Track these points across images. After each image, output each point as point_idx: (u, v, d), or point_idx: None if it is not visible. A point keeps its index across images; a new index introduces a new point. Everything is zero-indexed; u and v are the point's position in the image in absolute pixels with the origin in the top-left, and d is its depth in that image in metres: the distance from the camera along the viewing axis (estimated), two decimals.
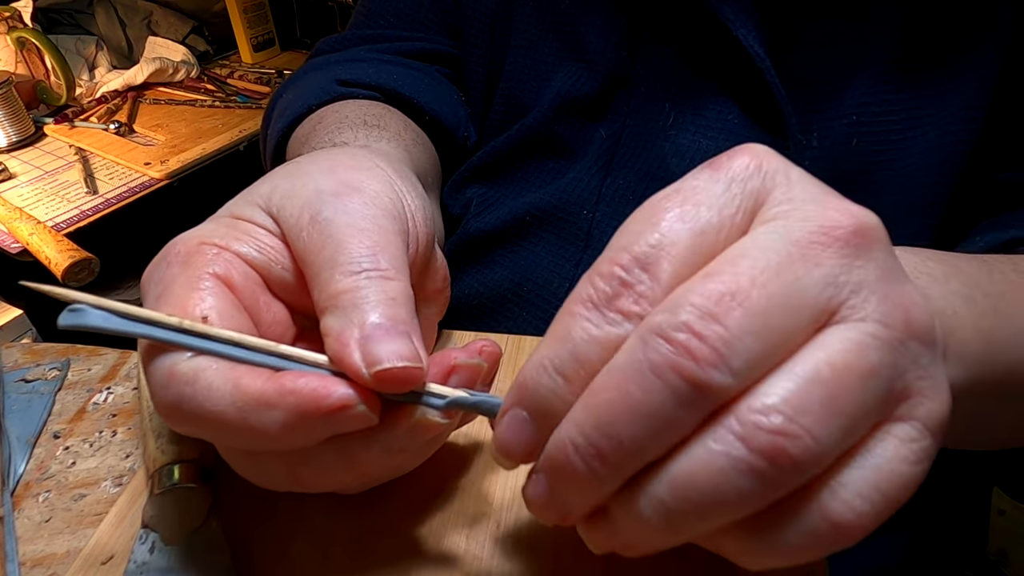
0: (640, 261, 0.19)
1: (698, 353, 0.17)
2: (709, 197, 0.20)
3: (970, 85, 0.38)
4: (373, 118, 0.41)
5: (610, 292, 0.19)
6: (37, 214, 0.99)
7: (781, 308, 0.17)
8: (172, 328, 0.22)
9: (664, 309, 0.18)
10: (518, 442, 0.21)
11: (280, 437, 0.21)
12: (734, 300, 0.17)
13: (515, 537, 0.27)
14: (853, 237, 0.18)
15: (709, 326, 0.17)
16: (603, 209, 0.43)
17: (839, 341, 0.18)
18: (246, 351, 0.22)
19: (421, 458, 0.26)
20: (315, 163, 0.27)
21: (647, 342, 0.18)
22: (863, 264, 0.18)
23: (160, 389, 0.22)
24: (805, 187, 0.20)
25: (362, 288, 0.22)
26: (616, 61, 0.43)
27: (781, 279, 0.18)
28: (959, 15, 0.37)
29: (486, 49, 0.49)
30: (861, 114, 0.39)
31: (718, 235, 0.19)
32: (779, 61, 0.39)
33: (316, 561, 0.27)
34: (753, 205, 0.20)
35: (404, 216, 0.26)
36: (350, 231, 0.23)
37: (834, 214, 0.19)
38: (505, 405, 0.21)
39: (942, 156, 0.38)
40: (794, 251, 0.18)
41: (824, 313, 0.18)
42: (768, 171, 0.20)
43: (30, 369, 0.39)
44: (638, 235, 0.19)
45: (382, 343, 0.21)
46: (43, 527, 0.30)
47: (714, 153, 0.21)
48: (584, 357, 0.19)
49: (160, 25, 1.39)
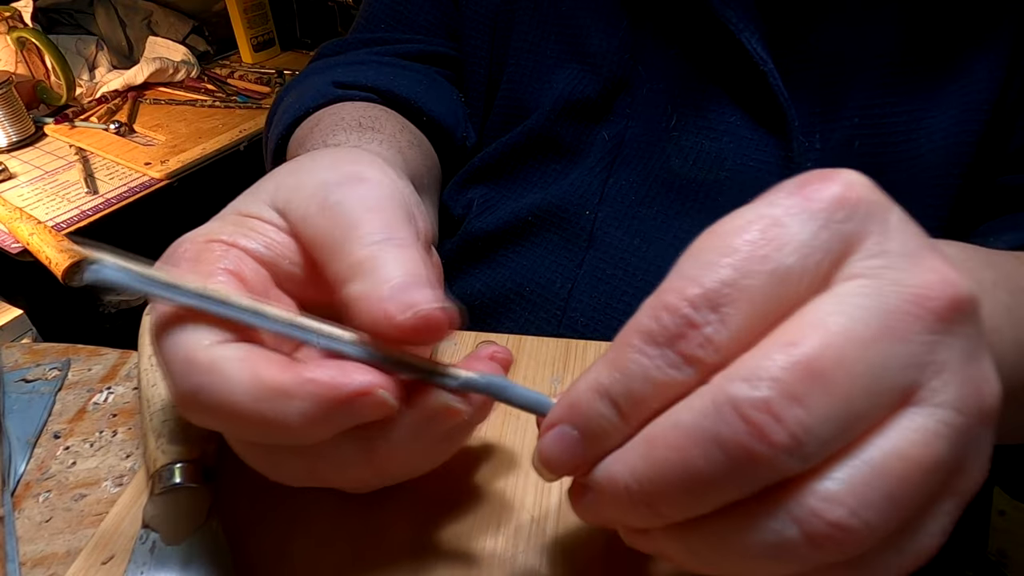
0: (710, 300, 0.17)
1: (774, 438, 0.16)
2: (795, 238, 0.18)
3: (973, 87, 0.38)
4: (368, 120, 0.41)
5: (674, 331, 0.18)
6: (37, 214, 0.99)
7: (863, 392, 0.17)
8: (192, 293, 0.22)
9: (742, 376, 0.17)
10: (564, 458, 0.20)
11: (300, 429, 0.21)
12: (817, 382, 0.16)
13: (515, 537, 0.27)
14: (947, 311, 0.17)
15: (790, 408, 0.16)
16: (605, 209, 0.43)
17: (912, 431, 0.17)
18: (265, 320, 0.22)
19: (440, 456, 0.25)
20: (316, 160, 0.27)
21: (721, 412, 0.17)
22: (951, 340, 0.17)
23: (178, 379, 0.22)
24: (903, 238, 0.18)
25: (383, 253, 0.22)
26: (618, 63, 0.43)
27: (868, 360, 0.17)
28: (961, 18, 0.37)
29: (487, 51, 0.49)
30: (864, 117, 0.39)
31: (799, 284, 0.18)
32: (782, 64, 0.39)
33: (316, 561, 0.27)
34: (842, 252, 0.18)
35: (407, 202, 0.26)
36: (362, 211, 0.24)
37: (931, 279, 0.17)
38: (553, 418, 0.20)
39: (945, 158, 0.38)
40: (884, 324, 0.17)
41: (904, 394, 0.17)
42: (865, 213, 0.18)
43: (30, 369, 0.39)
44: (710, 267, 0.18)
45: (412, 291, 0.21)
46: (43, 527, 0.30)
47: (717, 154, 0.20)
48: (640, 396, 0.18)
49: (160, 25, 1.39)
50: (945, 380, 0.17)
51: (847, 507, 0.16)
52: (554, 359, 0.35)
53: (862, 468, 0.17)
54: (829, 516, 0.16)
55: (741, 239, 0.18)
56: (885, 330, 0.17)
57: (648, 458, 0.18)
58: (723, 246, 0.18)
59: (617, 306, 0.42)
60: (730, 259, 0.18)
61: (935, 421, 0.17)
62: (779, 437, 0.16)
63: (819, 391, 0.16)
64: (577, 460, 0.20)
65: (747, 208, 0.19)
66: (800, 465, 0.17)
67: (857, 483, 0.17)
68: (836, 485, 0.17)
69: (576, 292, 0.43)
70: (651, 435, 0.18)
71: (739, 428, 0.16)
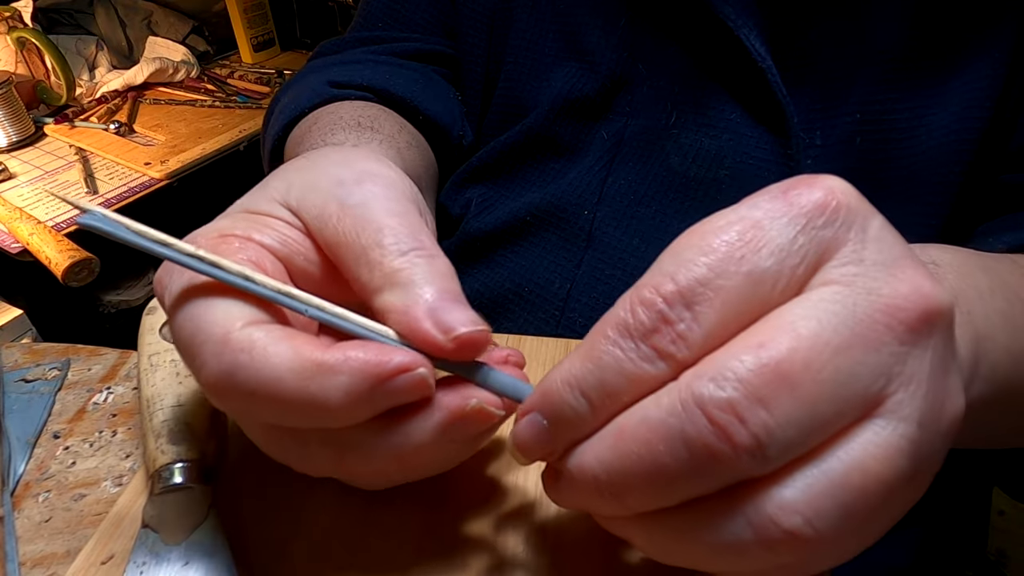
0: (685, 297, 0.18)
1: (737, 439, 0.17)
2: (773, 240, 0.18)
3: (974, 84, 0.37)
4: (367, 120, 0.41)
5: (648, 325, 0.18)
6: (37, 214, 0.99)
7: (829, 399, 0.17)
8: (183, 253, 0.22)
9: (710, 376, 0.17)
10: (534, 444, 0.21)
11: (341, 408, 0.21)
12: (784, 385, 0.17)
13: (515, 537, 0.27)
14: (918, 322, 0.17)
15: (754, 411, 0.16)
16: (604, 209, 0.43)
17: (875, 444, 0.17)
18: (255, 285, 0.22)
19: (467, 453, 0.26)
20: (327, 157, 0.27)
21: (687, 410, 0.17)
22: (920, 353, 0.17)
23: (210, 359, 0.21)
24: (880, 247, 0.18)
25: (417, 266, 0.23)
26: (617, 61, 0.43)
27: (836, 367, 0.17)
28: (963, 14, 0.37)
29: (484, 49, 0.49)
30: (865, 113, 0.39)
31: (774, 286, 0.18)
32: (781, 60, 0.39)
33: (316, 561, 0.27)
34: (819, 257, 0.18)
35: (417, 201, 0.26)
36: (386, 214, 0.24)
37: (904, 289, 0.18)
38: (526, 406, 0.21)
39: (946, 155, 0.38)
40: (855, 333, 0.17)
41: (871, 403, 0.17)
42: (843, 220, 0.18)
43: (30, 369, 0.39)
44: (687, 265, 0.18)
45: (451, 312, 0.22)
46: (43, 527, 0.30)
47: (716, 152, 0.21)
48: (611, 388, 0.19)
49: (160, 25, 1.39)
50: (911, 393, 0.17)
51: (803, 516, 0.17)
52: (553, 359, 0.35)
53: (821, 479, 0.17)
54: (784, 524, 0.17)
55: (720, 239, 0.18)
56: (855, 338, 0.17)
57: (616, 450, 0.19)
58: (702, 245, 0.18)
59: None
60: (707, 258, 0.18)
61: (898, 436, 0.17)
62: (742, 439, 0.17)
63: (785, 395, 0.17)
64: (547, 447, 0.21)
65: (730, 210, 0.19)
66: (762, 467, 0.17)
67: (815, 493, 0.17)
68: (794, 494, 0.17)
69: (575, 292, 0.43)
70: (620, 427, 0.19)
71: (704, 428, 0.17)
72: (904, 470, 0.17)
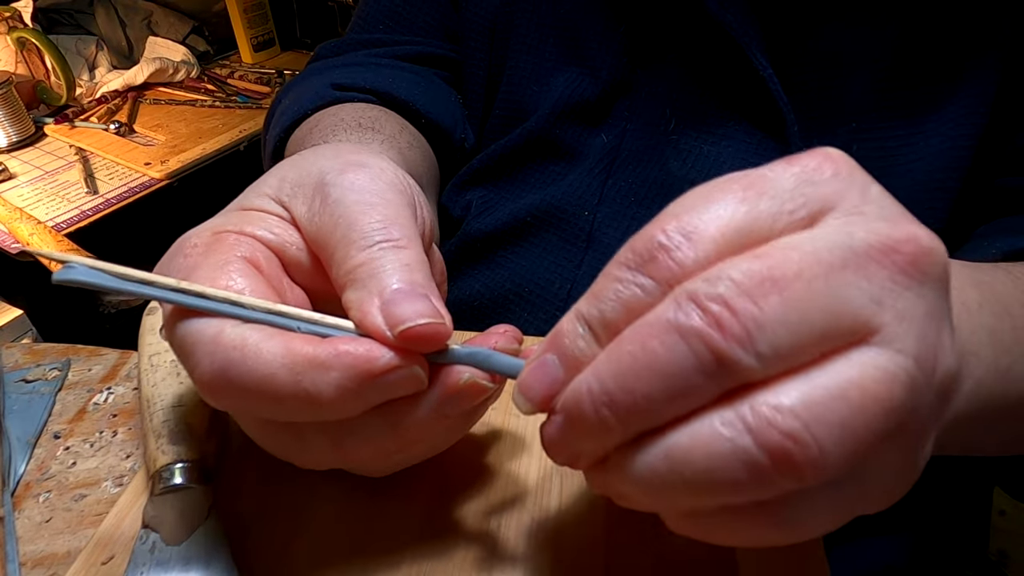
0: (683, 229, 0.18)
1: (727, 327, 0.17)
2: (775, 188, 0.19)
3: (971, 91, 0.37)
4: (368, 120, 0.41)
5: (646, 255, 0.19)
6: (37, 214, 0.99)
7: (821, 309, 0.17)
8: (167, 287, 0.22)
9: (703, 278, 0.18)
10: (539, 384, 0.21)
11: (334, 402, 0.21)
12: (775, 286, 0.17)
13: (515, 537, 0.27)
14: (912, 264, 0.18)
15: (744, 304, 0.17)
16: (604, 210, 0.43)
17: (873, 366, 0.17)
18: (244, 309, 0.22)
19: (462, 430, 0.26)
20: (319, 153, 0.27)
21: (680, 304, 0.17)
22: (914, 295, 0.18)
23: (204, 359, 0.22)
24: (881, 204, 0.19)
25: (377, 259, 0.23)
26: (617, 67, 0.43)
27: (828, 281, 0.17)
28: (960, 22, 0.37)
29: (486, 53, 0.49)
30: (861, 121, 0.39)
31: (772, 225, 0.19)
32: (780, 68, 0.39)
33: (316, 560, 0.27)
34: (819, 209, 0.19)
35: (410, 192, 0.26)
36: (359, 207, 0.24)
37: (901, 234, 0.18)
38: (538, 350, 0.21)
39: (944, 161, 0.38)
40: (849, 257, 0.17)
41: (863, 329, 0.17)
42: (847, 177, 0.19)
43: (31, 369, 0.39)
44: (690, 207, 0.19)
45: (402, 304, 0.22)
46: (43, 527, 0.30)
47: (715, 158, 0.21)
48: (611, 316, 0.19)
49: (160, 25, 1.39)
50: (906, 329, 0.17)
51: (800, 420, 0.16)
52: None
53: (818, 387, 0.17)
54: (781, 425, 0.16)
55: (724, 186, 0.19)
56: (850, 263, 0.17)
57: (612, 357, 0.18)
58: (706, 192, 0.19)
59: None
60: (708, 199, 0.19)
61: (895, 365, 0.17)
62: (732, 327, 0.17)
63: (775, 295, 0.17)
64: (551, 384, 0.20)
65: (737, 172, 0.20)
66: (754, 364, 0.17)
67: (813, 401, 0.17)
68: (791, 398, 0.17)
69: (575, 293, 0.43)
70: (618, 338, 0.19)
71: (695, 316, 0.17)
72: (901, 401, 0.17)
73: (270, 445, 0.25)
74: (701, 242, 0.18)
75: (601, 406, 0.19)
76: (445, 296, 0.31)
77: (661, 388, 0.18)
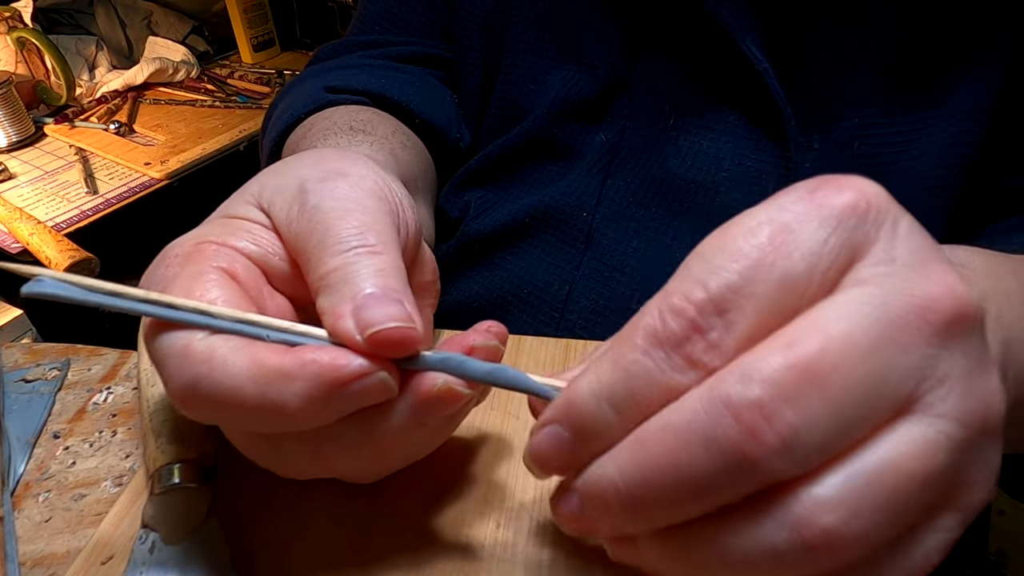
0: (716, 304, 0.18)
1: (764, 438, 0.16)
2: (804, 244, 0.18)
3: (974, 87, 0.37)
4: (360, 123, 0.41)
5: (679, 333, 0.18)
6: (37, 214, 0.99)
7: (860, 400, 0.16)
8: (136, 299, 0.22)
9: (736, 377, 0.17)
10: (554, 458, 0.20)
11: (301, 412, 0.21)
12: (812, 385, 0.16)
13: (514, 536, 0.27)
14: (950, 322, 0.17)
15: (782, 410, 0.16)
16: (603, 211, 0.43)
17: (910, 441, 0.17)
18: (213, 319, 0.22)
19: (442, 437, 0.26)
20: (301, 159, 0.27)
21: (712, 412, 0.17)
22: (953, 353, 0.17)
23: (175, 372, 0.22)
24: (911, 246, 0.18)
25: (351, 264, 0.22)
26: (614, 64, 0.43)
27: (866, 366, 0.16)
28: (962, 18, 0.37)
29: (481, 52, 0.49)
30: (863, 117, 0.39)
31: (806, 290, 0.18)
32: (779, 63, 0.39)
33: (316, 561, 0.27)
34: (850, 258, 0.18)
35: (391, 199, 0.26)
36: (336, 213, 0.24)
37: (936, 289, 0.17)
38: (547, 417, 0.20)
39: (947, 158, 0.38)
40: (886, 332, 0.17)
41: (903, 403, 0.17)
42: (874, 220, 0.18)
43: (30, 369, 0.39)
44: (717, 271, 0.18)
45: (373, 308, 0.21)
46: (43, 527, 0.30)
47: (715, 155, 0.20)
48: (641, 398, 0.18)
49: (160, 25, 1.39)
50: (946, 392, 0.17)
51: (838, 515, 0.16)
52: (553, 359, 0.35)
53: (855, 476, 0.17)
54: (820, 522, 0.16)
55: (749, 243, 0.18)
56: (886, 339, 0.17)
57: (638, 456, 0.18)
58: (732, 249, 0.18)
59: (615, 307, 0.42)
60: (737, 264, 0.18)
61: (935, 431, 0.17)
62: (769, 438, 0.16)
63: (813, 394, 0.16)
64: (568, 459, 0.20)
65: (758, 210, 0.19)
66: (791, 468, 0.16)
67: (849, 491, 0.16)
68: (827, 491, 0.16)
69: (574, 294, 0.43)
70: (642, 435, 0.18)
71: (730, 427, 0.16)
72: (943, 467, 0.17)
73: (252, 455, 0.25)
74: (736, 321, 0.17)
75: (627, 505, 0.18)
76: (438, 295, 0.31)
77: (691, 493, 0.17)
